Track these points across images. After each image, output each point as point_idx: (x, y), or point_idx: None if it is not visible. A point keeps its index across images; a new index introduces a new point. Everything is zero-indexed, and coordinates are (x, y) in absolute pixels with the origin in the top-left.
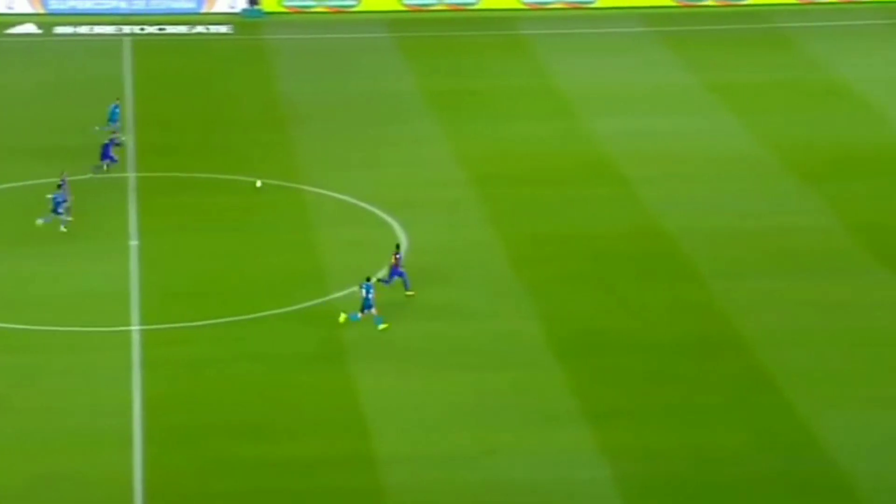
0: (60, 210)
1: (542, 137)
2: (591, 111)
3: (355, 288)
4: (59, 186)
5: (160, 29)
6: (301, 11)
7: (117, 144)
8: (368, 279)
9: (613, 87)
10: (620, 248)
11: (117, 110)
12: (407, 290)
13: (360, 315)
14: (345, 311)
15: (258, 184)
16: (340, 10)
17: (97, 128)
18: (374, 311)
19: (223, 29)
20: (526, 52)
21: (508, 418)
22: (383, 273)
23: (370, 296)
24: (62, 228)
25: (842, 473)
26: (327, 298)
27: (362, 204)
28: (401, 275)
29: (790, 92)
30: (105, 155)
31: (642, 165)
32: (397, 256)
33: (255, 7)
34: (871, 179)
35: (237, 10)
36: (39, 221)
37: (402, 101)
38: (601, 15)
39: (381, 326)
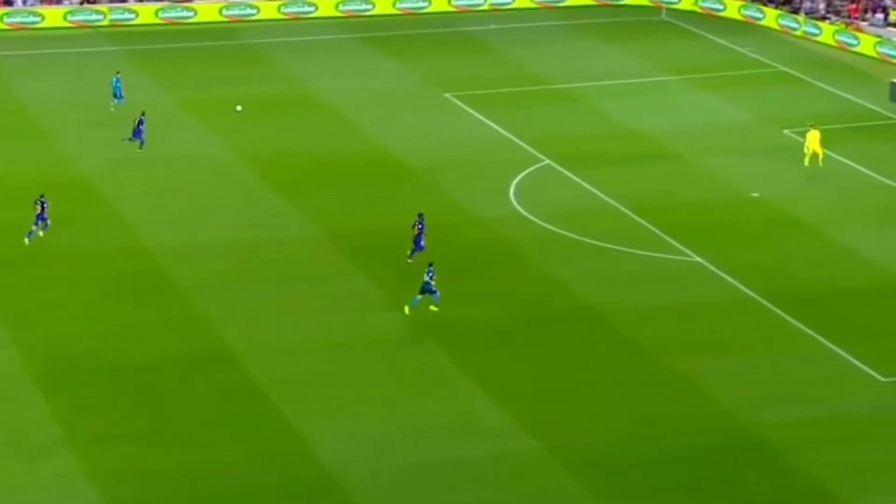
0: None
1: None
2: (67, 132)
3: None
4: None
5: None
6: None
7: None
8: (431, 264)
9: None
10: (102, 268)
11: (119, 83)
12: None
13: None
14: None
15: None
16: None
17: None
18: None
19: None
20: None
21: None
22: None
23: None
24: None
25: (336, 478)
26: None
27: None
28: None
29: (265, 106)
30: (138, 134)
31: (121, 185)
32: (421, 226)
33: None
34: (346, 188)
35: None
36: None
37: None
38: (68, 35)
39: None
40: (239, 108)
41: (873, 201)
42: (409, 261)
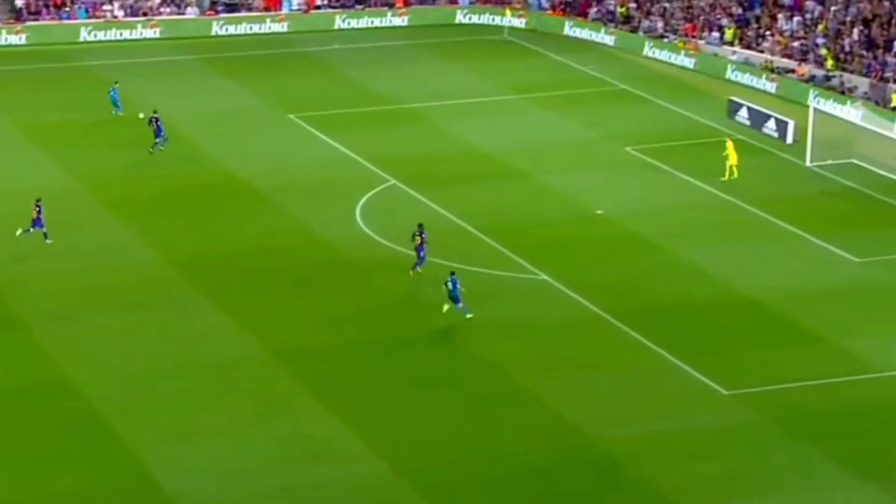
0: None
1: None
2: None
3: None
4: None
5: None
6: None
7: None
8: (453, 273)
9: None
10: None
11: (116, 94)
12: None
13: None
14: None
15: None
16: None
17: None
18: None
19: None
20: None
21: None
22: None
23: (456, 289)
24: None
25: (175, 501)
26: None
27: None
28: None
29: (102, 129)
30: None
31: None
32: (423, 236)
33: None
34: (189, 212)
35: None
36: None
37: None
38: None
39: (469, 315)
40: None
41: (713, 217)
42: (412, 272)
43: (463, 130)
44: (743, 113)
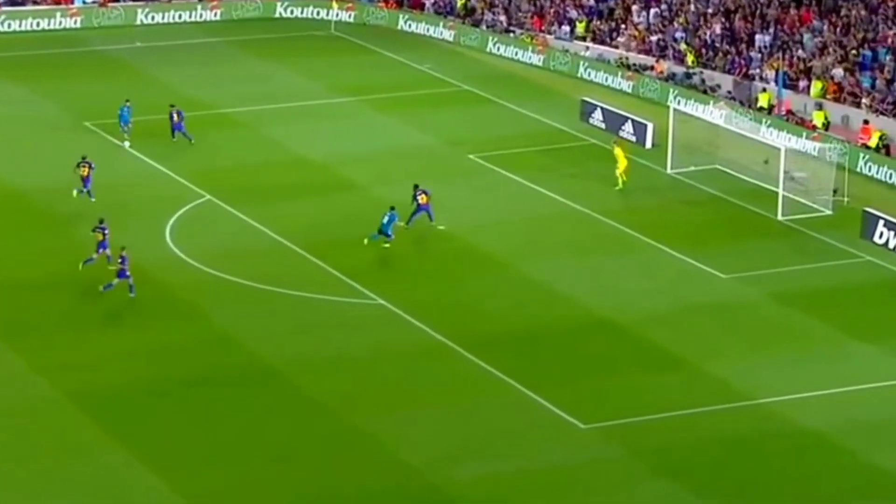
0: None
1: None
2: None
3: None
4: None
5: None
6: None
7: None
8: (393, 208)
9: None
10: None
11: (126, 112)
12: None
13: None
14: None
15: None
16: None
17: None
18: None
19: None
20: None
21: None
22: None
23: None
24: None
25: None
26: None
27: None
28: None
29: None
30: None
31: None
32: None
33: None
34: None
35: None
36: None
37: None
38: None
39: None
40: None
41: (566, 230)
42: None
43: (288, 138)
44: (597, 115)
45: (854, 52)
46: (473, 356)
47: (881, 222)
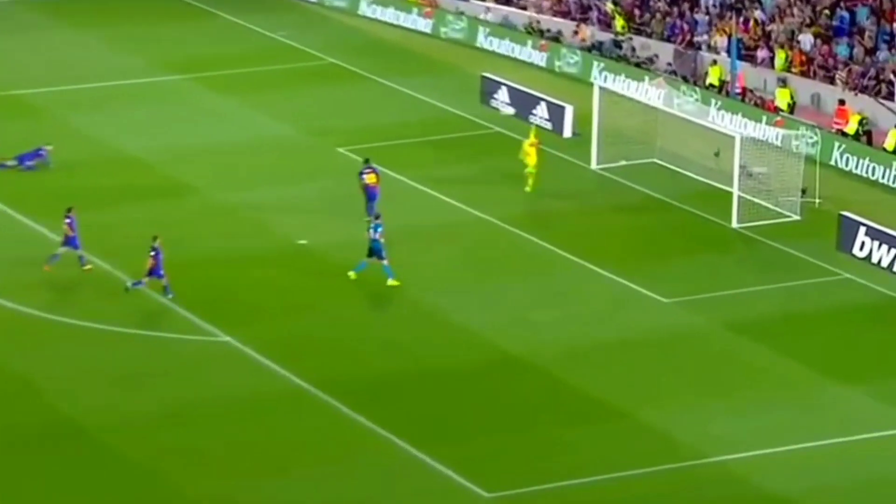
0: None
1: None
2: None
3: None
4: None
5: None
6: None
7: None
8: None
9: None
10: None
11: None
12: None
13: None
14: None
15: None
16: None
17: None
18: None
19: None
20: None
21: None
22: None
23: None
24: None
25: None
26: None
27: None
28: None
29: None
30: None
31: None
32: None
33: None
34: None
35: None
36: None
37: None
38: None
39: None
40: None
41: (464, 244)
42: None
43: (98, 127)
44: (502, 95)
45: (826, 12)
46: (346, 406)
47: (862, 230)
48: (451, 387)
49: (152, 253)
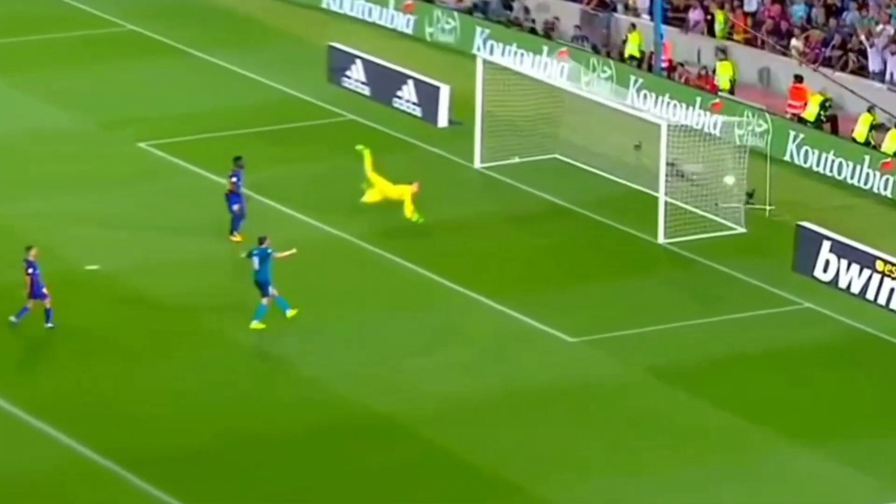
0: None
1: None
2: None
3: None
4: None
5: None
6: None
7: None
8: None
9: None
10: None
11: None
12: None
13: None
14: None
15: None
16: None
17: None
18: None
19: None
20: None
21: None
22: None
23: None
24: None
25: None
26: None
27: None
28: None
29: None
30: None
31: None
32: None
33: None
34: None
35: None
36: None
37: None
38: None
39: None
40: None
41: (310, 269)
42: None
43: None
44: (355, 72)
45: None
46: (146, 483)
47: (826, 245)
48: (292, 454)
49: (29, 270)
